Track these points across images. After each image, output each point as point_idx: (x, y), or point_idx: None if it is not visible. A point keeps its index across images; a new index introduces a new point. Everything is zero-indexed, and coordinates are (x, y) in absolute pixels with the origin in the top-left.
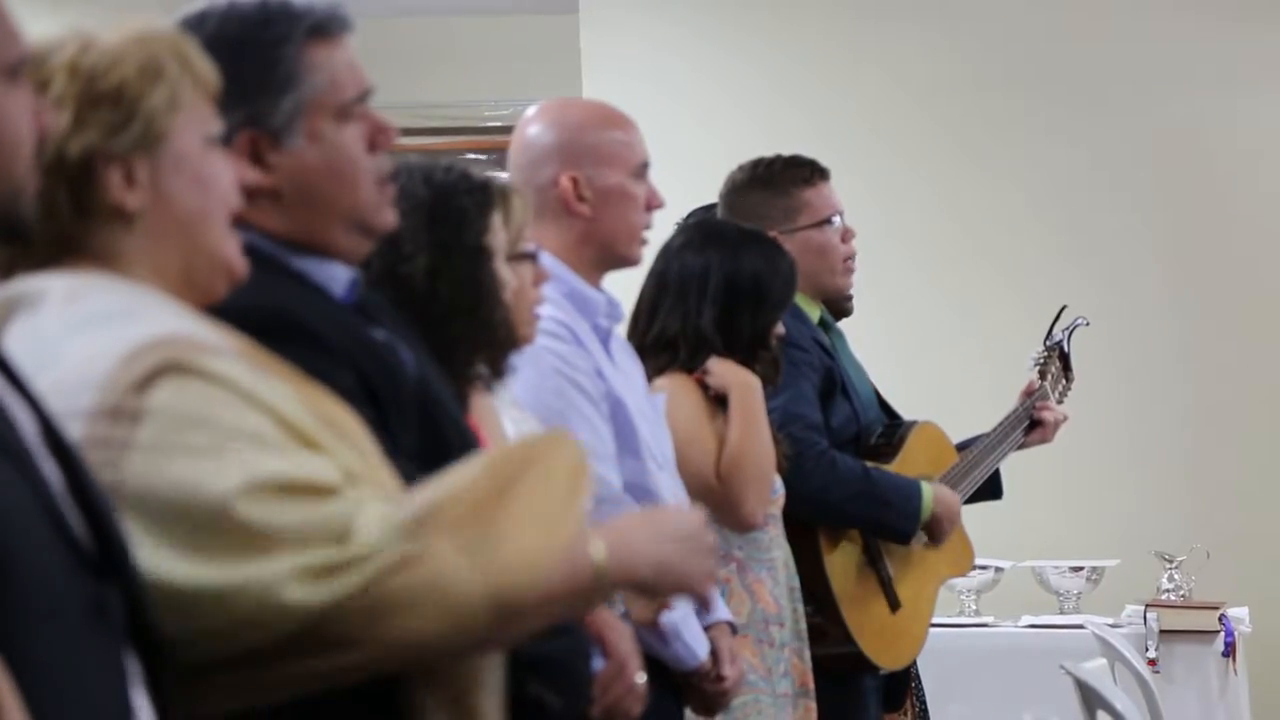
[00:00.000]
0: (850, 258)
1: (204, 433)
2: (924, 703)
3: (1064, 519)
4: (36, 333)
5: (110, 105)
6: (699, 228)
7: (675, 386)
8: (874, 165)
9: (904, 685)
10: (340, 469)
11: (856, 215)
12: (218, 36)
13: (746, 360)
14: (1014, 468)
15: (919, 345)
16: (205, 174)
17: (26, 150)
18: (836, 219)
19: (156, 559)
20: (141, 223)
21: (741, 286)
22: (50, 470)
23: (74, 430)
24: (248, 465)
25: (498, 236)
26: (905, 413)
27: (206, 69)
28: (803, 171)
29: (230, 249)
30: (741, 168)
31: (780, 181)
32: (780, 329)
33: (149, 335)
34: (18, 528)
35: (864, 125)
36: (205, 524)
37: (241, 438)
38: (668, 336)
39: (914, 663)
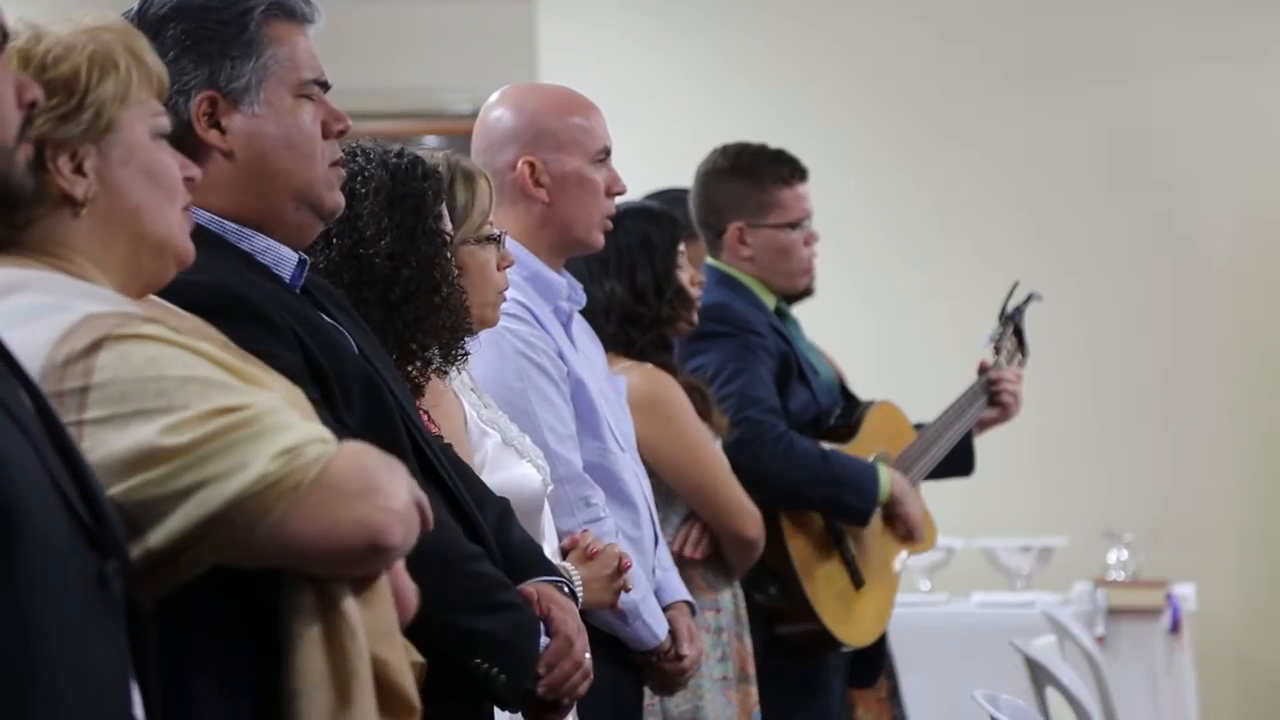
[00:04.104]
0: (810, 260)
1: (154, 388)
2: (895, 680)
3: (1014, 498)
4: None
5: (62, 94)
6: None
7: (657, 378)
8: (837, 144)
9: (877, 663)
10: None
11: (823, 192)
12: (185, 3)
13: (656, 303)
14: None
15: (890, 318)
16: (153, 165)
17: (11, 120)
18: (805, 223)
19: (153, 519)
20: (89, 212)
21: (630, 247)
22: (50, 453)
23: None
24: (200, 407)
25: (458, 222)
26: (878, 384)
27: (157, 64)
28: (783, 170)
29: (179, 235)
30: (724, 152)
31: (759, 175)
32: (688, 273)
33: (76, 317)
34: (29, 488)
35: (826, 105)
36: (172, 473)
37: (193, 384)
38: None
39: (887, 640)
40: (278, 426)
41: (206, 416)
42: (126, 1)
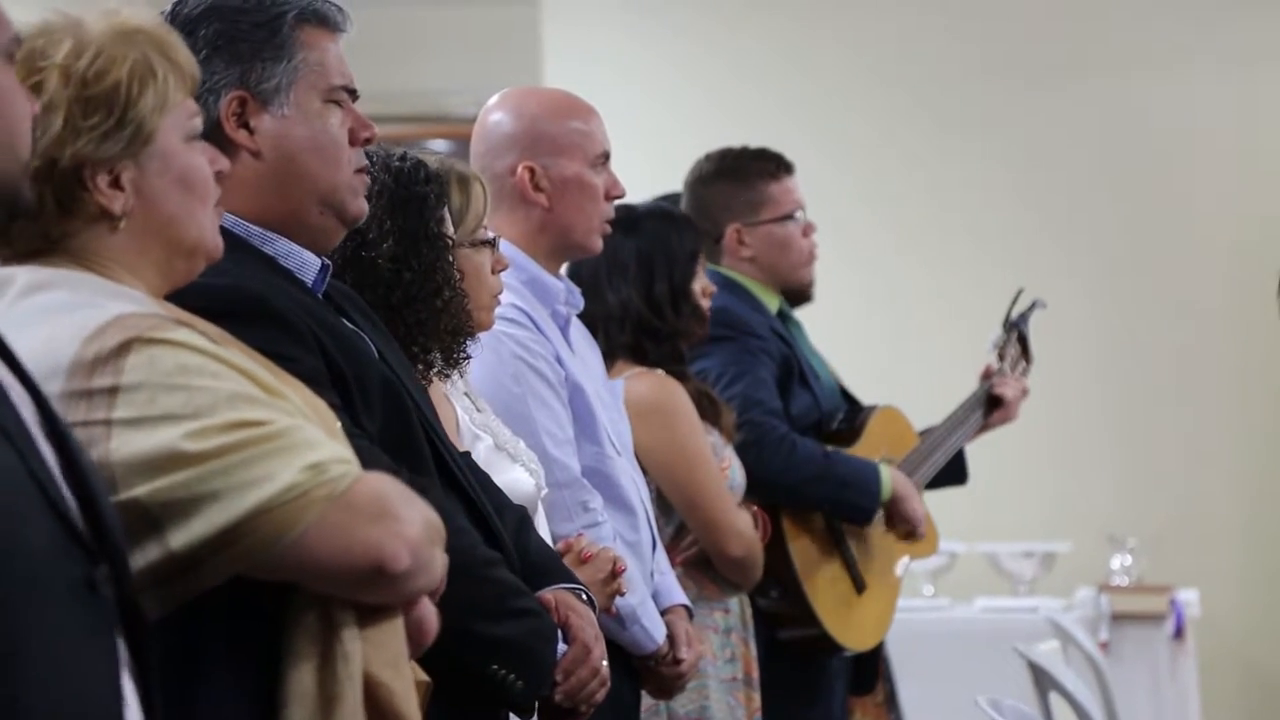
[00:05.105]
0: (811, 251)
1: (183, 396)
2: (893, 685)
3: (1018, 503)
4: None
5: (103, 111)
6: None
7: (665, 386)
8: (842, 147)
9: (874, 669)
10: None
11: (826, 195)
12: (218, 4)
13: (673, 317)
14: (969, 452)
15: (893, 320)
16: (187, 172)
17: (26, 127)
18: (799, 214)
19: (177, 524)
20: (125, 224)
21: (651, 254)
22: (46, 453)
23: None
24: (227, 416)
25: (452, 226)
26: (881, 388)
27: (189, 61)
28: (768, 165)
29: (211, 236)
30: (709, 157)
31: (745, 174)
32: (701, 282)
33: (106, 316)
34: (19, 499)
35: (830, 109)
36: (198, 478)
37: (220, 394)
38: (594, 323)
39: (884, 646)
40: (304, 443)
41: (232, 426)
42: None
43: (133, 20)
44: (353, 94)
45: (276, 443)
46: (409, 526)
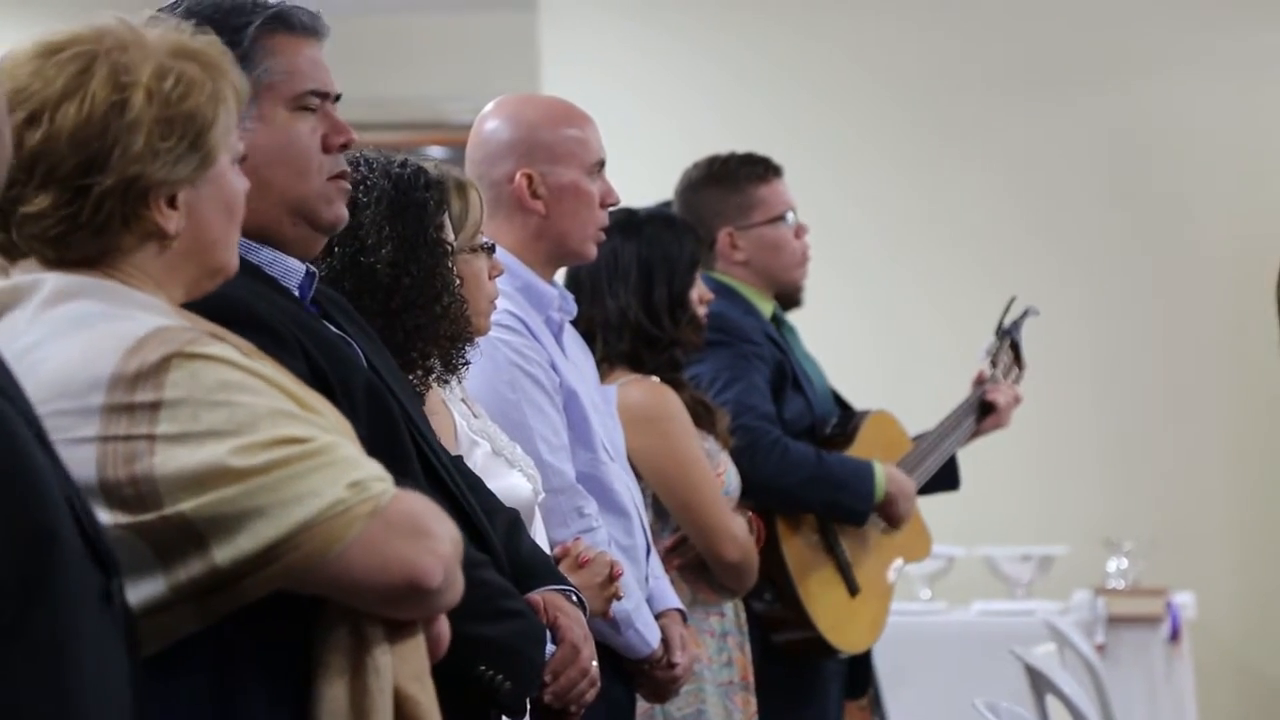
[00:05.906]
0: (804, 252)
1: (225, 412)
2: (877, 689)
3: (1014, 507)
4: (11, 332)
5: (179, 134)
6: None
7: (658, 392)
8: (838, 154)
9: (866, 673)
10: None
11: (821, 202)
12: (188, 14)
13: (670, 326)
14: (965, 456)
15: (887, 326)
16: (231, 196)
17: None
18: (790, 215)
19: (227, 538)
20: (174, 244)
21: (652, 261)
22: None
23: (88, 429)
24: (272, 433)
25: (452, 232)
26: (875, 394)
27: (244, 85)
28: (757, 169)
29: (235, 257)
30: (697, 165)
31: (735, 179)
32: (698, 290)
33: (144, 329)
34: (59, 507)
35: (827, 116)
36: (245, 493)
37: (261, 410)
38: (593, 329)
39: (871, 650)
40: (345, 460)
41: (277, 443)
42: (134, 6)
43: (194, 42)
44: (326, 97)
45: (320, 459)
46: (441, 544)
